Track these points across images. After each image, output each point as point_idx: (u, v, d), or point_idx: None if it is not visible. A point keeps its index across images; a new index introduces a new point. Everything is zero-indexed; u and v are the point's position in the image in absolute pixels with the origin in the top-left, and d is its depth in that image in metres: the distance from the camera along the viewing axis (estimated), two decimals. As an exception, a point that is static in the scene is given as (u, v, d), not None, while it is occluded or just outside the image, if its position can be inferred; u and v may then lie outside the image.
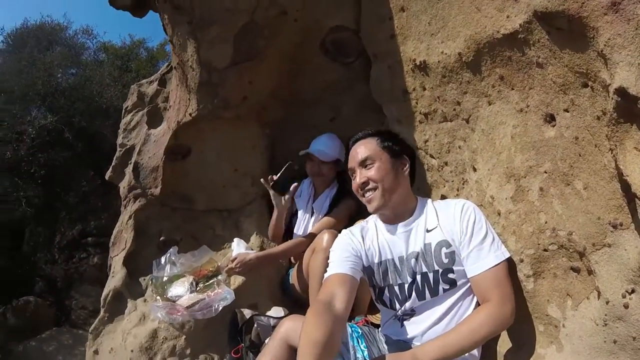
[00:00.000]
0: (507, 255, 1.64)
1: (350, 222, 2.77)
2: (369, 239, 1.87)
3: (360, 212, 2.67)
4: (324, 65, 2.82)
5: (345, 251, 1.80)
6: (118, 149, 3.10)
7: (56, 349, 4.99)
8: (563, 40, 1.30)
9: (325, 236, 2.41)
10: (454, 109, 1.98)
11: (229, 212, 3.15)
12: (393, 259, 1.81)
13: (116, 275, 2.80)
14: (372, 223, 1.92)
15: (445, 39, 1.87)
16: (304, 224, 2.91)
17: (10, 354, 5.16)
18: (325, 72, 2.86)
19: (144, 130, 3.08)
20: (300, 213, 2.95)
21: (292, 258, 3.02)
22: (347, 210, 2.79)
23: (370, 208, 1.81)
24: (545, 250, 1.54)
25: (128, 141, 3.10)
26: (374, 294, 1.89)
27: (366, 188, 1.80)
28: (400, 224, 1.82)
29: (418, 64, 2.07)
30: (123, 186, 3.00)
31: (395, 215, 1.83)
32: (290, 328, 1.73)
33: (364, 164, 1.81)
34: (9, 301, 5.56)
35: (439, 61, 1.91)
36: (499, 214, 1.74)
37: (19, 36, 8.76)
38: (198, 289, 2.61)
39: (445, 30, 1.88)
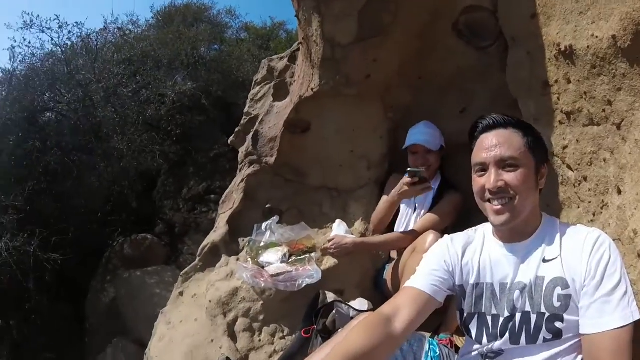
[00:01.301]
0: (638, 317, 1.24)
1: (457, 218, 2.51)
2: (471, 253, 1.55)
3: (467, 208, 2.39)
4: (457, 49, 2.50)
5: (436, 263, 1.54)
6: (243, 117, 3.16)
7: (157, 283, 5.39)
8: None
9: (428, 238, 2.19)
10: (603, 110, 1.54)
11: (339, 192, 3.02)
12: (492, 284, 1.47)
13: (218, 231, 2.86)
14: (481, 234, 1.59)
15: (597, 18, 1.45)
16: (406, 219, 2.67)
17: (116, 278, 5.73)
18: (457, 56, 2.54)
19: (268, 102, 3.09)
20: (402, 207, 2.70)
21: (391, 253, 2.79)
22: (452, 205, 2.52)
23: (495, 220, 1.42)
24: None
25: (253, 111, 3.14)
26: (459, 318, 1.55)
27: (498, 195, 1.40)
28: (515, 245, 1.46)
29: (563, 49, 1.66)
30: (242, 151, 3.05)
31: (512, 233, 1.47)
32: None
33: (503, 163, 1.41)
34: (129, 235, 6.18)
35: (588, 46, 1.50)
36: (640, 256, 1.30)
37: (167, 13, 9.65)
38: (289, 260, 2.53)
39: (596, 7, 1.46)
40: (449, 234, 1.64)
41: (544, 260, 1.40)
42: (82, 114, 5.41)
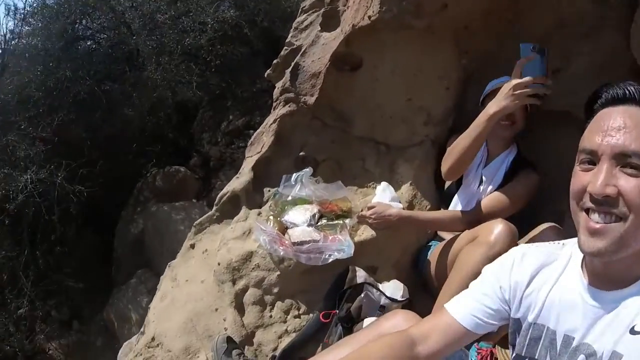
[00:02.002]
0: None
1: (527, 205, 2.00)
2: (541, 280, 1.11)
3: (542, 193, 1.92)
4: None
5: (489, 287, 1.18)
6: (284, 48, 2.61)
7: (182, 219, 5.12)
8: None
9: (497, 227, 1.69)
10: None
11: (388, 147, 2.48)
12: (555, 332, 1.06)
13: (241, 177, 2.41)
14: (567, 255, 1.11)
15: None
16: (469, 194, 2.12)
17: (144, 210, 5.50)
18: (563, 5, 1.95)
19: (315, 32, 2.51)
20: (466, 179, 2.16)
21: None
22: (527, 187, 1.98)
23: (586, 244, 0.95)
24: None
25: (296, 41, 2.57)
26: (511, 352, 1.19)
27: (603, 207, 0.92)
28: (602, 292, 1.00)
29: None
30: (278, 87, 2.53)
31: (605, 272, 0.99)
32: (398, 327, 1.27)
33: (624, 159, 0.91)
34: (163, 166, 5.85)
35: None
36: None
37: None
38: (318, 224, 2.07)
39: None
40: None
41: (632, 331, 0.93)
42: (116, 42, 5.03)
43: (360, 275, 1.92)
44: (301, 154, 2.41)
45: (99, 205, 5.52)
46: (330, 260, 1.85)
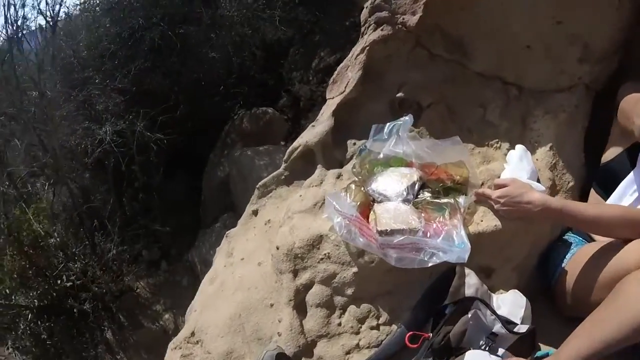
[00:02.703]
0: None
1: None
2: None
3: None
4: None
5: None
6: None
7: (266, 165, 4.66)
8: None
9: None
10: None
11: (521, 91, 1.72)
12: None
13: (318, 127, 1.80)
14: None
15: None
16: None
17: (230, 154, 5.17)
18: None
19: None
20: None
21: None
22: None
23: None
24: None
25: None
26: None
27: None
28: None
29: None
30: (366, 5, 1.82)
31: None
32: None
33: None
34: (250, 108, 5.40)
35: None
36: None
37: None
38: (418, 199, 1.42)
39: None
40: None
41: None
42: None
43: (471, 283, 1.26)
44: (399, 95, 1.73)
45: (189, 149, 5.30)
46: (430, 264, 1.22)
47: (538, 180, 1.49)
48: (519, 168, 1.45)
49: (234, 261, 1.79)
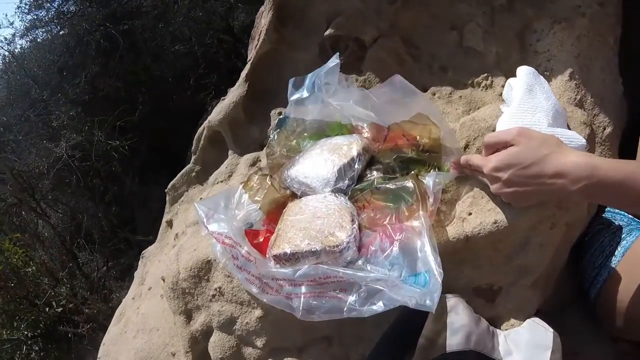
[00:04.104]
0: None
1: None
2: None
3: None
4: None
5: None
6: None
7: None
8: None
9: None
10: None
11: (511, -2, 1.11)
12: None
13: (227, 98, 1.22)
14: None
15: None
16: None
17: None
18: None
19: None
20: None
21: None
22: None
23: None
24: None
25: None
26: None
27: None
28: None
29: None
30: None
31: None
32: None
33: None
34: (223, 97, 4.90)
35: None
36: None
37: None
38: (363, 184, 0.83)
39: None
40: None
41: None
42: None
43: (458, 324, 0.67)
44: (328, 32, 1.12)
45: (163, 150, 4.77)
46: (367, 314, 0.65)
47: (568, 127, 0.86)
48: (528, 106, 0.82)
49: (143, 291, 1.26)
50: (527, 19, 1.09)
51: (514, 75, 0.98)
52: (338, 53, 0.97)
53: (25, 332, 3.96)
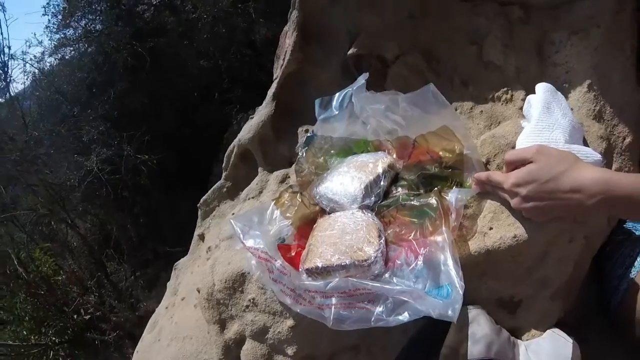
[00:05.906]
0: None
1: None
2: None
3: None
4: None
5: None
6: None
7: None
8: None
9: None
10: None
11: (527, 8, 1.10)
12: None
13: (256, 117, 1.27)
14: None
15: None
16: None
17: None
18: None
19: None
20: None
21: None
22: None
23: None
24: None
25: None
26: None
27: None
28: None
29: None
30: None
31: None
32: None
33: None
34: (247, 110, 4.94)
35: None
36: None
37: None
38: (388, 200, 0.86)
39: None
40: None
41: None
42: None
43: (479, 335, 0.70)
44: (352, 51, 1.17)
45: (190, 162, 4.89)
46: (394, 323, 0.68)
47: (585, 143, 0.88)
48: (546, 124, 0.85)
49: (176, 301, 1.31)
50: (545, 31, 1.11)
51: (533, 88, 1.01)
52: (366, 73, 1.01)
53: (53, 338, 4.10)
